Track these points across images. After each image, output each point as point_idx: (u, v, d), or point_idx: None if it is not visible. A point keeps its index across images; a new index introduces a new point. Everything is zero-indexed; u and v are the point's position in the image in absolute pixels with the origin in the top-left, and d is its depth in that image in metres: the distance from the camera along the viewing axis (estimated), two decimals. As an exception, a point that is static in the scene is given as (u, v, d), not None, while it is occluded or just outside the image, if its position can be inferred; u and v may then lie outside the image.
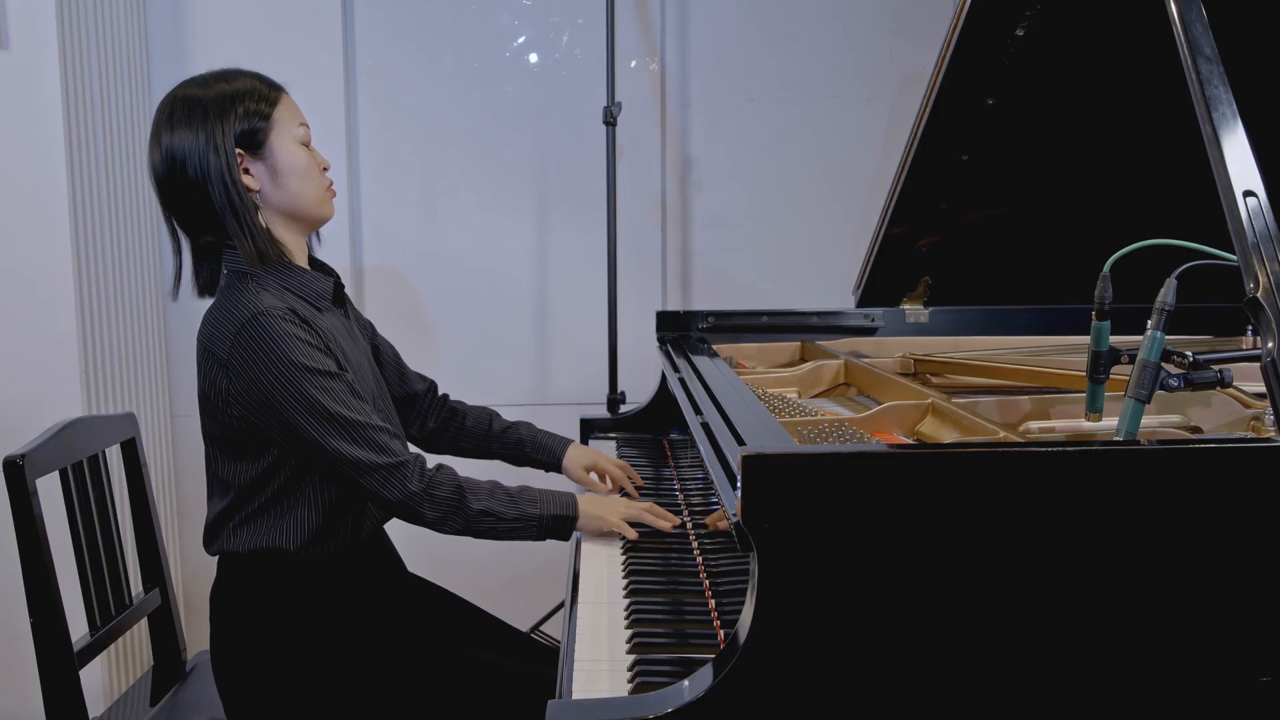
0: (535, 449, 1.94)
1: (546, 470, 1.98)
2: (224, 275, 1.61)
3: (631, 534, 1.62)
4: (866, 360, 2.08)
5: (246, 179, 1.57)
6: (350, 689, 1.57)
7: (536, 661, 1.73)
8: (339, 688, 1.57)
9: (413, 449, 1.63)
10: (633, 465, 2.03)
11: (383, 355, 1.89)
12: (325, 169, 1.66)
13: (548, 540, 1.64)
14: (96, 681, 2.44)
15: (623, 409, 2.68)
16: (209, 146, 1.54)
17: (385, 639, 1.63)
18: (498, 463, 1.99)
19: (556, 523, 1.61)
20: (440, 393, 1.98)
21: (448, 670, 1.61)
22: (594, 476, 1.93)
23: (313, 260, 1.72)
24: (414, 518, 1.56)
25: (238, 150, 1.56)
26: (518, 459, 1.96)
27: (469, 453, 1.97)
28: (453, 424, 1.95)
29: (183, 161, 1.54)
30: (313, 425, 1.49)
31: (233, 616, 1.63)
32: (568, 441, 1.96)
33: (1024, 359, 1.99)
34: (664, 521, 1.64)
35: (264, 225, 1.59)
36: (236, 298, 1.54)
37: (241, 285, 1.56)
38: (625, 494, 1.89)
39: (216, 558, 1.65)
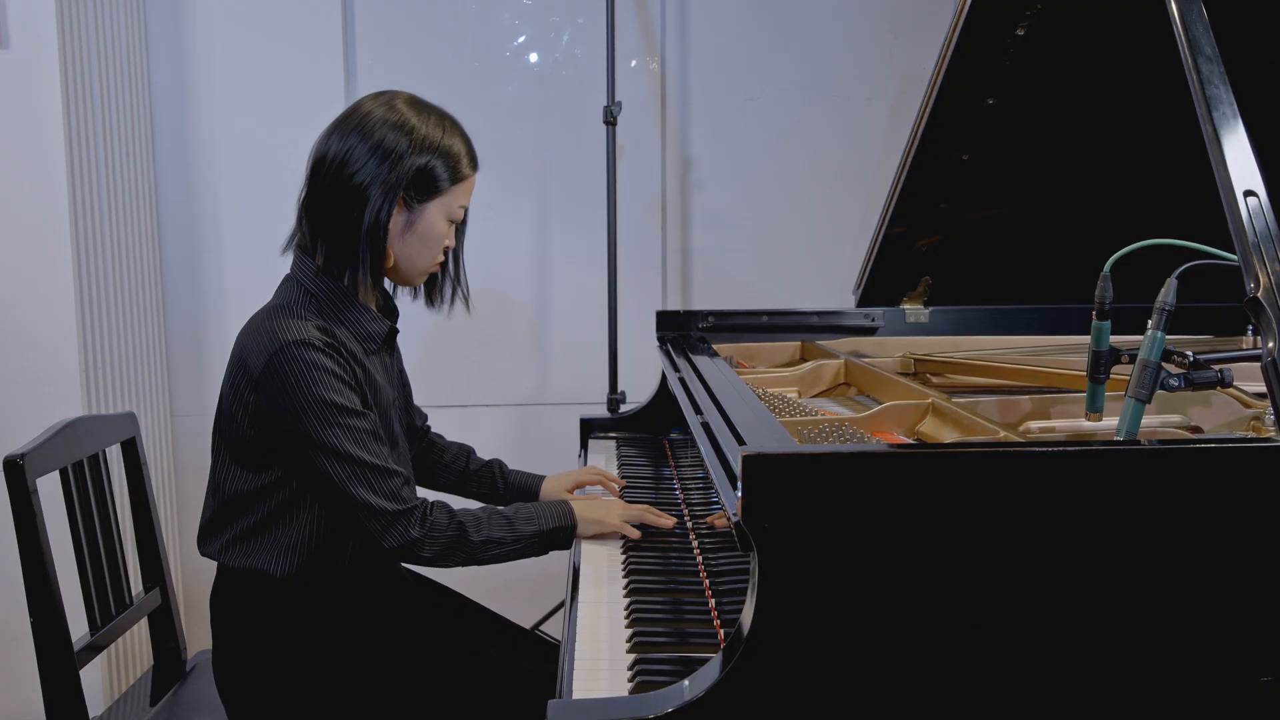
0: (509, 490, 1.91)
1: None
2: (285, 283, 1.61)
3: (634, 534, 1.62)
4: (866, 360, 2.08)
5: None
6: (355, 690, 1.57)
7: (542, 659, 1.73)
8: (344, 690, 1.57)
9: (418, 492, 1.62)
10: (633, 465, 2.03)
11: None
12: (447, 247, 1.67)
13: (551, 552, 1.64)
14: (96, 681, 2.44)
15: (623, 409, 2.68)
16: (388, 171, 1.55)
17: (390, 638, 1.63)
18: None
19: (555, 534, 1.61)
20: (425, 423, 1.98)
21: (454, 669, 1.61)
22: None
23: (386, 301, 1.73)
24: (414, 560, 1.55)
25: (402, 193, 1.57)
26: (493, 497, 1.93)
27: (445, 487, 1.95)
28: (430, 455, 1.94)
29: (352, 167, 1.55)
30: (329, 462, 1.49)
31: (233, 621, 1.62)
32: (541, 477, 1.94)
33: (1024, 359, 1.99)
34: (664, 520, 1.64)
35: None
36: (283, 317, 1.53)
37: (294, 304, 1.56)
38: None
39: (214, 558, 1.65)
